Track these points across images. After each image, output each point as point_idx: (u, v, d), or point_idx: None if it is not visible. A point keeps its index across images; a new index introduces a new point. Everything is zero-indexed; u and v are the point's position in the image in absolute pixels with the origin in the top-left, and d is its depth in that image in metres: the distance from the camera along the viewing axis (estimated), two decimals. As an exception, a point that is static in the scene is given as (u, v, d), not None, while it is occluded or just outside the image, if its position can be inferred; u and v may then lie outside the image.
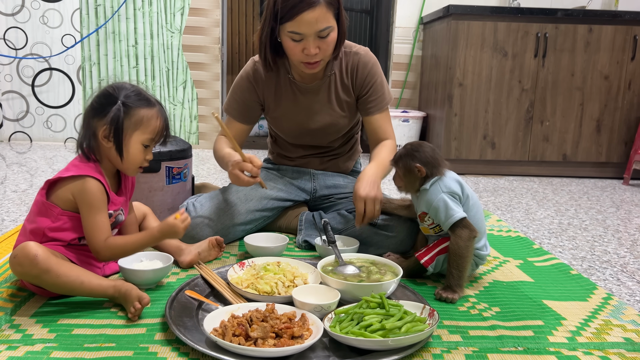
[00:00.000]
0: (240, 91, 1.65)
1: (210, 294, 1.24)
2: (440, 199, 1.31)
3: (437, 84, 3.49)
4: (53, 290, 1.15)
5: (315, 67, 1.49)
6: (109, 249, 1.20)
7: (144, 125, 1.23)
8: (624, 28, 3.20)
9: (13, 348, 0.98)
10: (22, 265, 1.10)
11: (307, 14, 1.36)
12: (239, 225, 1.64)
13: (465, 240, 1.29)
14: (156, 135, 1.26)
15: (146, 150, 1.26)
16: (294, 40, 1.42)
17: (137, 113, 1.22)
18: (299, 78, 1.61)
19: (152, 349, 1.00)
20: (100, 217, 1.19)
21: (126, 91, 1.22)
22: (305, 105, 1.64)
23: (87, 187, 1.18)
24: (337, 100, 1.64)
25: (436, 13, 3.44)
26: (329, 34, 1.42)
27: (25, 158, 3.24)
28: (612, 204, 2.62)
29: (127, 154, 1.23)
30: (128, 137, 1.22)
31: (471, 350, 1.04)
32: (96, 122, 1.21)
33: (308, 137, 1.71)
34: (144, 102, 1.23)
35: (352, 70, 1.62)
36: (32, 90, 3.80)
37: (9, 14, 3.68)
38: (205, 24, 3.80)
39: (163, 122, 1.27)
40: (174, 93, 3.83)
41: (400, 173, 1.37)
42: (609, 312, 1.25)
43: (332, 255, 1.34)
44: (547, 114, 3.29)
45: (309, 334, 1.01)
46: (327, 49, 1.46)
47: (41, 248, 1.11)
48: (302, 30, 1.38)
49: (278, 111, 1.66)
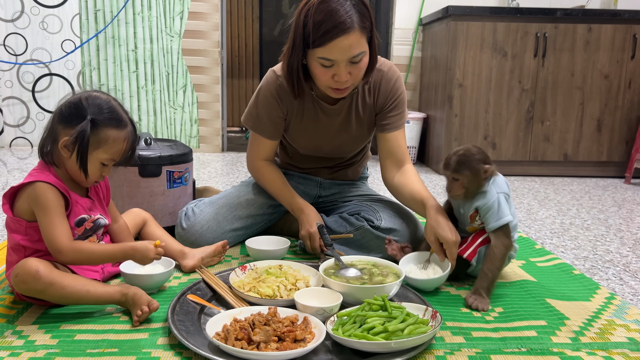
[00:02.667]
0: (266, 108, 1.55)
1: (213, 298, 1.24)
2: (496, 200, 1.31)
3: (437, 85, 3.49)
4: (59, 302, 1.15)
5: (344, 93, 1.41)
6: (75, 251, 1.16)
7: (108, 145, 1.19)
8: (623, 27, 3.20)
9: (16, 354, 0.98)
10: (26, 282, 1.09)
11: (340, 40, 1.27)
12: (240, 229, 1.63)
13: (505, 247, 1.30)
14: (118, 157, 1.23)
15: (104, 168, 1.23)
16: (324, 66, 1.33)
17: (104, 132, 1.18)
18: (322, 97, 1.54)
19: (154, 354, 1.00)
20: (56, 219, 1.15)
21: (99, 106, 1.18)
22: (325, 124, 1.58)
23: (37, 192, 1.15)
24: (357, 119, 1.58)
25: (435, 14, 3.44)
26: (361, 59, 1.34)
27: (26, 164, 3.24)
28: (614, 203, 2.62)
29: (84, 168, 1.19)
30: (89, 153, 1.18)
31: (474, 351, 1.04)
32: (61, 130, 1.18)
33: (322, 153, 1.67)
34: (114, 123, 1.19)
35: (374, 87, 1.54)
36: (32, 95, 3.81)
37: (8, 20, 3.69)
38: (204, 27, 3.80)
39: (129, 145, 1.23)
40: (174, 97, 3.83)
41: (464, 180, 1.32)
42: (612, 312, 1.25)
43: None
44: (548, 113, 3.29)
45: (312, 337, 1.01)
46: (359, 75, 1.38)
47: (42, 262, 1.11)
48: (334, 56, 1.30)
49: (298, 127, 1.60)
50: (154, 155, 1.66)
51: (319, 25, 1.28)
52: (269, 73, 1.56)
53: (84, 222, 1.24)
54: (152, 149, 1.68)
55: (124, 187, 1.65)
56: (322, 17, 1.27)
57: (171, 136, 3.88)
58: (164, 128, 3.85)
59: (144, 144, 1.69)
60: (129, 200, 1.65)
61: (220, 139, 3.99)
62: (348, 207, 1.69)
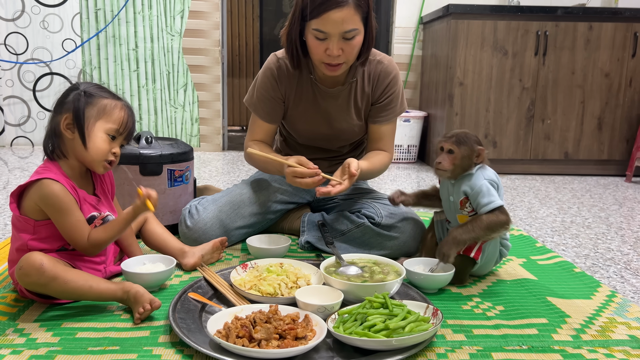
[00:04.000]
0: (265, 89, 1.59)
1: (214, 296, 1.24)
2: (483, 184, 1.34)
3: (437, 84, 3.49)
4: (61, 297, 1.15)
5: (336, 70, 1.45)
6: (94, 246, 1.20)
7: (106, 114, 1.21)
8: (624, 25, 3.19)
9: (17, 352, 0.98)
10: (29, 275, 1.09)
11: (333, 13, 1.33)
12: (242, 228, 1.63)
13: (501, 223, 1.31)
14: (121, 126, 1.23)
15: (112, 143, 1.23)
16: (317, 39, 1.39)
17: (99, 102, 1.21)
18: (321, 80, 1.58)
19: (156, 352, 1.00)
20: (72, 218, 1.17)
21: (88, 84, 1.23)
22: (323, 108, 1.61)
23: (46, 190, 1.15)
24: (355, 108, 1.61)
25: (436, 12, 3.44)
26: (354, 36, 1.38)
27: (27, 163, 3.24)
28: (615, 202, 2.61)
29: (91, 143, 1.20)
30: (91, 127, 1.20)
31: (475, 349, 1.04)
32: (58, 117, 1.20)
33: (320, 140, 1.69)
34: (106, 93, 1.23)
35: (373, 78, 1.58)
36: (33, 95, 3.81)
37: (9, 19, 3.69)
38: (205, 26, 3.80)
39: (128, 114, 1.25)
40: (175, 96, 3.83)
41: (458, 155, 1.35)
42: (613, 310, 1.25)
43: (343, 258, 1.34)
44: (548, 112, 3.29)
45: (313, 335, 1.01)
46: (351, 53, 1.42)
47: (46, 257, 1.11)
48: (327, 29, 1.35)
49: (296, 111, 1.63)
50: (155, 153, 1.66)
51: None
52: (270, 56, 1.61)
53: (94, 220, 1.25)
54: (153, 147, 1.68)
55: (124, 186, 1.65)
56: None
57: (172, 135, 3.88)
58: (164, 127, 3.85)
59: (145, 142, 1.69)
60: (129, 199, 1.65)
61: (221, 137, 3.99)
62: (348, 205, 1.70)
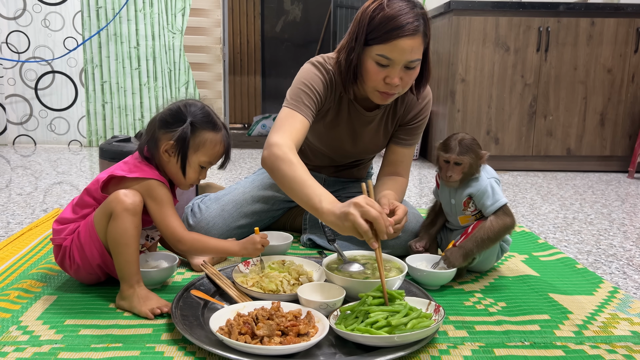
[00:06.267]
0: (314, 82, 1.42)
1: (216, 293, 1.24)
2: (488, 184, 1.34)
3: (439, 80, 3.49)
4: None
5: (389, 99, 1.38)
6: (193, 240, 1.24)
7: (206, 148, 1.25)
8: (626, 21, 3.18)
9: (20, 349, 0.99)
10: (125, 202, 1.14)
11: (404, 41, 1.26)
12: (246, 226, 1.63)
13: (506, 227, 1.31)
14: (214, 160, 1.29)
15: (202, 171, 1.29)
16: (379, 65, 1.31)
17: (202, 135, 1.24)
18: (359, 101, 1.51)
19: (158, 349, 1.00)
20: (172, 211, 1.23)
21: (196, 110, 1.25)
22: (354, 129, 1.56)
23: (154, 187, 1.21)
24: (385, 130, 1.57)
25: (437, 9, 3.43)
26: (416, 66, 1.33)
27: (29, 161, 3.25)
28: (617, 198, 2.61)
29: (186, 171, 1.26)
30: (189, 156, 1.25)
31: (477, 345, 1.04)
32: (162, 135, 1.24)
33: (337, 154, 1.66)
34: (211, 126, 1.25)
35: (408, 101, 1.53)
36: (35, 93, 3.81)
37: (10, 17, 3.70)
38: (206, 24, 3.80)
39: (225, 148, 1.29)
40: (176, 94, 3.83)
41: (466, 165, 1.34)
42: (615, 306, 1.25)
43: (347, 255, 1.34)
44: (551, 108, 3.28)
45: (315, 332, 1.01)
46: (409, 82, 1.35)
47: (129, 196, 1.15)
48: (393, 56, 1.28)
49: (325, 125, 1.55)
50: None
51: (387, 21, 1.26)
52: (316, 63, 1.45)
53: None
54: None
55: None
56: (392, 14, 1.27)
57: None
58: (166, 125, 3.85)
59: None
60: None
61: (223, 135, 3.99)
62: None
